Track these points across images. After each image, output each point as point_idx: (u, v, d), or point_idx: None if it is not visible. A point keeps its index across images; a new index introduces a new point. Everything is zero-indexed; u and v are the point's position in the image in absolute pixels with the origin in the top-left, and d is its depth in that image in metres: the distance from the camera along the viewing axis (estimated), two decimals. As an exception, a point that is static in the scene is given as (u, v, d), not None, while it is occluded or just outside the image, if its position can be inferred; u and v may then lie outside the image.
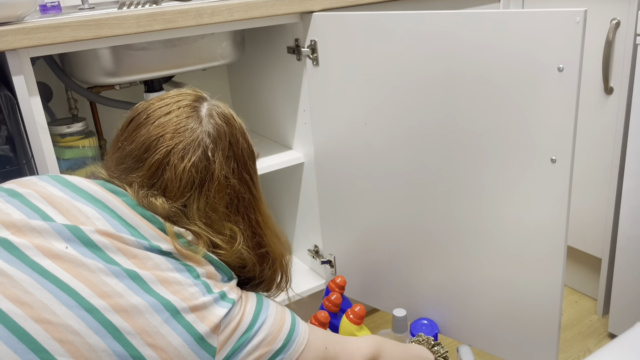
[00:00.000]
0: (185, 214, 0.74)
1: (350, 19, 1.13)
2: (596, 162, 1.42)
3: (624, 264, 1.33)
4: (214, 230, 0.75)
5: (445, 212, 1.11)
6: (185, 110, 0.77)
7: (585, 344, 1.42)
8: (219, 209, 0.76)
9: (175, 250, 0.70)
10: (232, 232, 0.77)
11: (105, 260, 0.65)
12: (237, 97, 1.70)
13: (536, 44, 0.88)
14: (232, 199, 0.78)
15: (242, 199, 0.79)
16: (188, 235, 0.73)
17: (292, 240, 1.59)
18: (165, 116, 0.76)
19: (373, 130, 1.18)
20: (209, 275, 0.73)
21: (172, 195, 0.74)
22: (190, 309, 0.68)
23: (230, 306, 0.72)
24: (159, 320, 0.65)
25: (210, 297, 0.70)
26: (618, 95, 1.33)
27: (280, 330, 0.77)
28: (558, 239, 0.96)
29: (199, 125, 0.76)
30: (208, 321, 0.69)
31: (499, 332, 1.10)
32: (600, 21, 1.32)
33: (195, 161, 0.74)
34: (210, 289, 0.71)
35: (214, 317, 0.69)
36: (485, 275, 1.08)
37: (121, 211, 0.71)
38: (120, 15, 1.00)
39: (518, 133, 0.95)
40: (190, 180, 0.74)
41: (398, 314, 1.18)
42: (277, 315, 0.78)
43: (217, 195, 0.76)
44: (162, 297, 0.66)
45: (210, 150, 0.75)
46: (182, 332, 0.67)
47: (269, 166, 1.34)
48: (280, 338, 0.77)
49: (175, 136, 0.74)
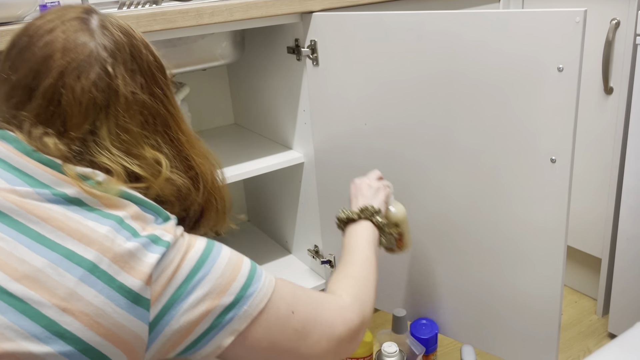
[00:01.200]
0: (96, 143, 0.64)
1: (350, 19, 1.13)
2: (596, 162, 1.42)
3: (624, 264, 1.33)
4: (132, 157, 0.66)
5: (445, 212, 1.11)
6: (73, 25, 0.66)
7: (585, 344, 1.42)
8: (133, 130, 0.66)
9: (84, 194, 0.60)
10: (154, 158, 0.67)
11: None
12: (237, 97, 1.70)
13: (536, 44, 0.88)
14: (146, 117, 0.68)
15: (158, 116, 0.69)
16: (97, 176, 0.62)
17: (292, 240, 1.59)
18: (50, 34, 0.65)
19: (373, 130, 1.18)
20: (134, 217, 0.62)
21: (75, 123, 0.64)
22: (112, 260, 0.57)
23: (163, 250, 0.60)
24: (72, 279, 0.55)
25: (136, 243, 0.59)
26: (618, 95, 1.33)
27: (233, 282, 0.64)
28: (558, 238, 0.96)
29: (91, 39, 0.65)
30: (137, 272, 0.58)
31: (499, 332, 1.11)
32: (600, 21, 1.32)
33: (94, 79, 0.64)
34: (137, 232, 0.60)
35: (143, 266, 0.58)
36: (485, 275, 1.08)
37: (13, 160, 0.61)
38: (120, 15, 1.00)
39: (518, 133, 0.95)
40: (92, 101, 0.64)
41: (398, 314, 1.18)
42: (230, 263, 0.65)
43: (127, 114, 0.66)
44: (71, 251, 0.57)
45: (110, 65, 0.65)
46: (103, 289, 0.56)
47: (269, 166, 1.34)
48: (232, 291, 0.63)
49: (66, 54, 0.64)
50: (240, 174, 1.30)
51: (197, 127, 1.70)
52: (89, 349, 0.56)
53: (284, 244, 1.64)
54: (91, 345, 0.56)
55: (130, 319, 0.57)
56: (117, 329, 0.57)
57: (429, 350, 1.21)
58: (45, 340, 0.54)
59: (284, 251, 1.63)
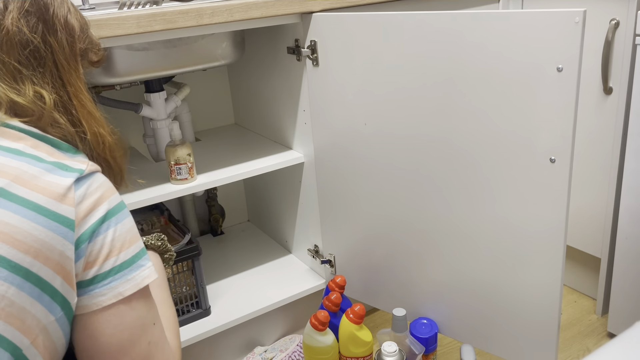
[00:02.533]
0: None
1: (350, 19, 1.13)
2: (595, 162, 1.43)
3: (623, 263, 1.33)
4: (9, 86, 0.69)
5: (445, 212, 1.11)
6: None
7: (584, 344, 1.43)
8: (8, 62, 0.69)
9: None
10: (36, 93, 0.70)
11: None
12: (237, 97, 1.70)
13: (535, 44, 0.89)
14: (27, 56, 0.71)
15: (43, 60, 0.72)
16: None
17: (292, 240, 1.59)
18: None
19: (373, 130, 1.18)
20: (32, 146, 0.66)
21: None
22: (17, 182, 0.61)
23: (76, 175, 0.65)
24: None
25: (37, 168, 0.63)
26: (617, 96, 1.34)
27: (134, 243, 0.70)
28: (557, 238, 0.96)
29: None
30: (47, 191, 0.62)
31: (498, 332, 1.11)
32: (599, 21, 1.33)
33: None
34: (41, 159, 0.65)
35: (54, 186, 0.63)
36: (485, 274, 1.09)
37: None
38: (120, 15, 1.00)
39: (517, 133, 0.95)
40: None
41: (398, 313, 1.19)
42: (133, 229, 0.71)
43: (5, 46, 0.69)
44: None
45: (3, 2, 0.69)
46: (17, 209, 0.60)
47: (269, 166, 1.34)
48: (132, 250, 0.69)
49: None
50: (240, 174, 1.30)
51: (197, 127, 1.70)
52: (24, 271, 0.59)
53: (284, 244, 1.65)
54: (25, 267, 0.59)
55: (52, 236, 0.61)
56: (41, 246, 0.60)
57: (428, 349, 1.21)
58: None
59: (284, 251, 1.63)
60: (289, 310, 1.43)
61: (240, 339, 1.38)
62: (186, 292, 1.32)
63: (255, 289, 1.44)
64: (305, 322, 1.47)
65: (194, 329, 1.30)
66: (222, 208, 1.77)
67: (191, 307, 1.33)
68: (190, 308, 1.33)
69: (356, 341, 1.19)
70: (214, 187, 1.68)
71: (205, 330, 1.29)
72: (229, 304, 1.38)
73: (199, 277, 1.31)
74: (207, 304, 1.34)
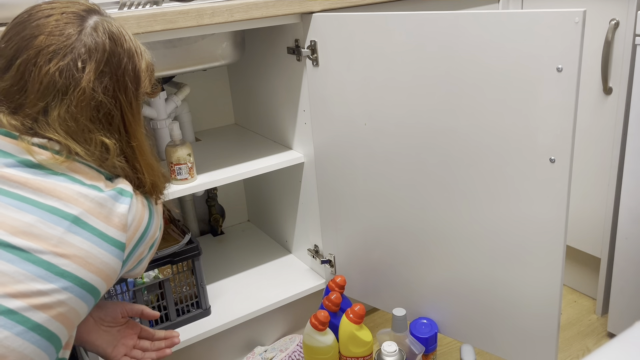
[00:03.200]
0: (46, 122, 0.72)
1: (350, 19, 1.13)
2: (595, 162, 1.43)
3: (623, 263, 1.33)
4: (77, 141, 0.74)
5: (445, 212, 1.11)
6: (69, 17, 0.73)
7: (584, 344, 1.43)
8: (80, 120, 0.73)
9: (46, 160, 0.71)
10: (102, 145, 0.76)
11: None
12: (237, 97, 1.70)
13: (535, 44, 0.89)
14: (98, 114, 0.75)
15: (112, 117, 0.77)
16: (54, 146, 0.72)
17: (292, 240, 1.59)
18: (46, 18, 0.72)
19: (373, 130, 1.18)
20: (91, 179, 0.74)
21: (32, 100, 0.71)
22: (88, 211, 0.71)
23: (129, 200, 0.76)
24: (60, 230, 0.68)
25: (104, 195, 0.73)
26: (617, 96, 1.34)
27: (156, 231, 0.85)
28: (557, 238, 0.96)
29: (78, 34, 0.72)
30: (111, 221, 0.73)
31: (498, 332, 1.11)
32: (599, 21, 1.33)
33: (61, 66, 0.71)
34: (101, 189, 0.74)
35: (116, 215, 0.74)
36: (485, 274, 1.09)
37: None
38: (120, 15, 1.00)
39: (517, 133, 0.95)
40: (52, 84, 0.71)
41: (398, 313, 1.19)
42: (154, 221, 0.84)
43: (80, 105, 0.73)
44: (55, 207, 0.69)
45: (82, 60, 0.72)
46: (89, 237, 0.71)
47: (269, 166, 1.34)
48: (157, 232, 0.86)
49: (49, 38, 0.71)
50: (240, 174, 1.30)
51: (197, 127, 1.70)
52: (84, 283, 0.71)
53: (284, 244, 1.65)
54: (86, 281, 0.71)
55: (111, 259, 0.74)
56: (104, 267, 0.73)
57: (428, 349, 1.21)
58: (49, 279, 0.67)
59: (284, 251, 1.63)
60: (289, 310, 1.44)
61: (240, 339, 1.38)
62: (186, 292, 1.32)
63: (255, 289, 1.44)
64: (305, 322, 1.47)
65: (194, 329, 1.30)
66: (222, 208, 1.77)
67: (191, 307, 1.33)
68: (190, 308, 1.33)
69: (356, 341, 1.19)
70: (214, 187, 1.68)
71: (205, 330, 1.29)
72: (229, 304, 1.38)
73: (199, 277, 1.31)
74: (207, 304, 1.34)
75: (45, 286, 0.66)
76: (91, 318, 0.92)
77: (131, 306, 0.97)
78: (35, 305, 0.66)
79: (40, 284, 0.66)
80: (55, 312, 0.68)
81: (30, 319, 0.65)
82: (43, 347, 0.67)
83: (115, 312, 0.95)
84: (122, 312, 0.95)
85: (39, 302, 0.66)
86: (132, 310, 0.97)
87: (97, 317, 0.93)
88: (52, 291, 0.67)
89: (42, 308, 0.66)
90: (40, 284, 0.66)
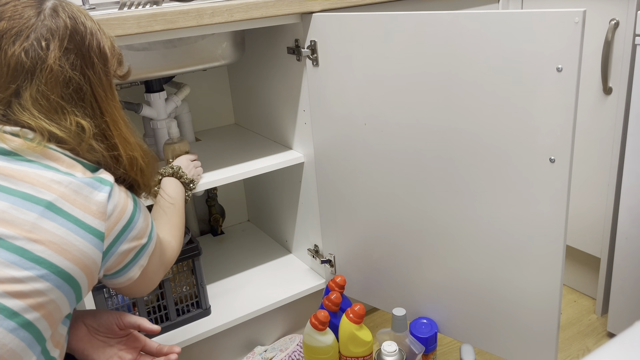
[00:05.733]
0: (19, 104, 0.73)
1: (350, 19, 1.13)
2: (595, 162, 1.43)
3: (623, 263, 1.33)
4: (52, 120, 0.74)
5: (445, 212, 1.11)
6: (26, 1, 0.75)
7: (584, 343, 1.43)
8: (51, 98, 0.74)
9: (23, 148, 0.70)
10: (77, 125, 0.76)
11: None
12: (237, 97, 1.70)
13: (535, 44, 0.89)
14: (68, 90, 0.75)
15: (83, 93, 0.77)
16: (27, 134, 0.72)
17: (292, 240, 1.59)
18: (4, 6, 0.74)
19: (373, 130, 1.18)
20: (68, 166, 0.73)
21: (2, 84, 0.72)
22: (62, 197, 0.70)
23: (109, 189, 0.75)
24: (33, 215, 0.67)
25: (79, 182, 0.72)
26: (617, 96, 1.34)
27: (147, 228, 0.83)
28: (557, 238, 0.96)
29: (37, 16, 0.74)
30: (87, 208, 0.71)
31: (498, 331, 1.11)
32: (599, 21, 1.33)
33: (26, 46, 0.72)
34: (76, 176, 0.72)
35: (93, 203, 0.72)
36: (485, 274, 1.09)
37: None
38: (121, 15, 1.00)
39: (517, 133, 0.95)
40: (20, 65, 0.72)
41: (398, 313, 1.19)
42: (145, 214, 0.83)
43: (49, 83, 0.73)
44: (27, 194, 0.68)
45: (45, 39, 0.73)
46: (63, 222, 0.69)
47: (269, 166, 1.34)
48: (147, 233, 0.82)
49: (10, 22, 0.73)
50: (240, 174, 1.30)
51: (198, 127, 1.70)
52: (60, 272, 0.68)
53: (284, 244, 1.65)
54: (62, 269, 0.69)
55: (89, 247, 0.71)
56: (81, 255, 0.70)
57: (428, 349, 1.21)
58: (24, 265, 0.65)
59: (284, 251, 1.64)
60: (289, 310, 1.44)
61: (240, 338, 1.38)
62: (186, 292, 1.32)
63: (255, 289, 1.44)
64: (305, 322, 1.47)
65: (194, 328, 1.30)
66: (222, 208, 1.77)
67: (191, 307, 1.33)
68: (190, 308, 1.33)
69: (356, 341, 1.19)
70: (214, 187, 1.68)
71: (205, 330, 1.29)
72: (229, 304, 1.38)
73: (199, 277, 1.31)
74: (207, 304, 1.35)
75: (20, 273, 0.65)
76: (84, 326, 0.88)
77: (128, 318, 0.91)
78: (10, 292, 0.64)
79: (14, 271, 0.65)
80: (33, 301, 0.66)
81: (6, 306, 0.64)
82: (21, 336, 0.65)
83: (110, 322, 0.90)
84: (118, 324, 0.90)
85: (13, 289, 0.64)
86: (129, 322, 0.91)
87: (90, 326, 0.89)
88: (27, 279, 0.65)
89: (18, 296, 0.65)
90: (14, 270, 0.65)
